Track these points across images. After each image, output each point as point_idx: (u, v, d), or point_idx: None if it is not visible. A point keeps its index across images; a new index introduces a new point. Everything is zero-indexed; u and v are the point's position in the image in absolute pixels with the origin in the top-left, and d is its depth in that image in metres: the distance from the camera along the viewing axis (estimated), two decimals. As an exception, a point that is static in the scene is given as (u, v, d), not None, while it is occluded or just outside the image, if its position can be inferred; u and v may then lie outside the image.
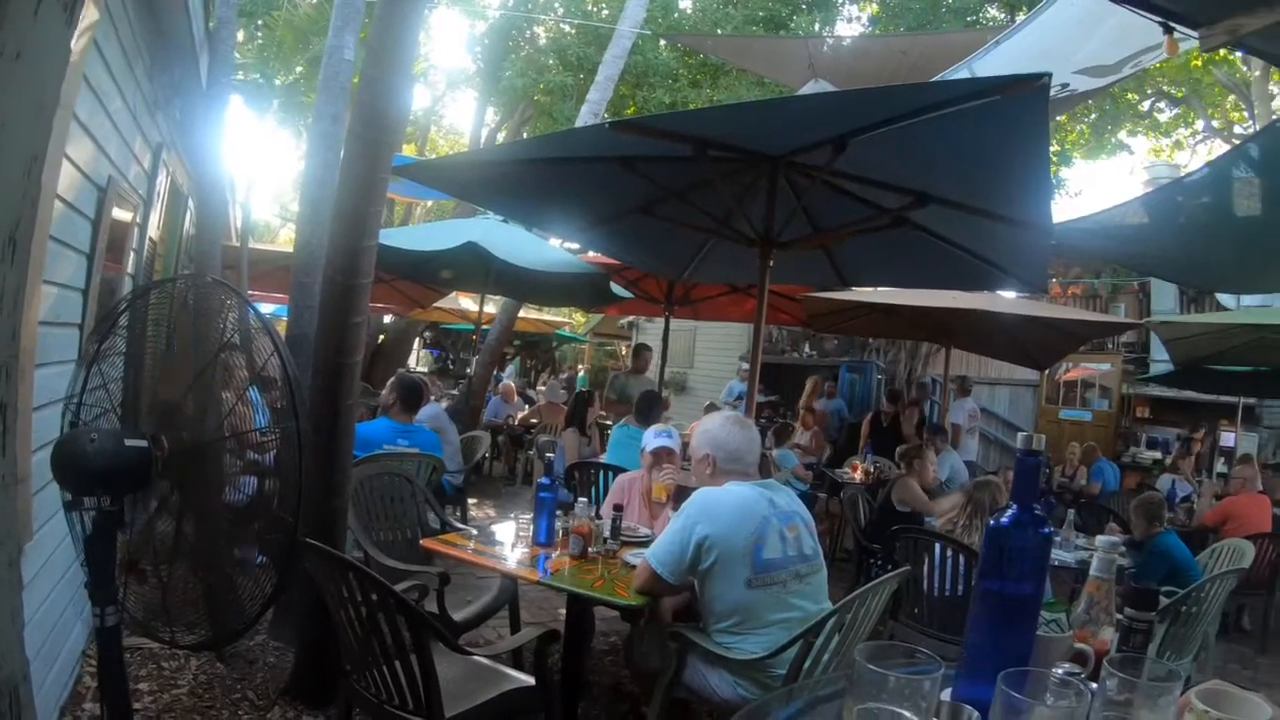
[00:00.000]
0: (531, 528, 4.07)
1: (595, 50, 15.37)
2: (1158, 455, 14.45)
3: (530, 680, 3.28)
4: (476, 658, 3.34)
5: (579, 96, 15.18)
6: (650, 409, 6.94)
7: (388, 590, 2.75)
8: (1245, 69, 15.53)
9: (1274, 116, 10.39)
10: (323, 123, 6.49)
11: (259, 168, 39.21)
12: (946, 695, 1.39)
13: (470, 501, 8.47)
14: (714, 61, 17.25)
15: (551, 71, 17.70)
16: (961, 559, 4.65)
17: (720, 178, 4.70)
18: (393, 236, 8.44)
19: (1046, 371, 15.00)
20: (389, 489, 4.79)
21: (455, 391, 12.95)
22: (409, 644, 2.76)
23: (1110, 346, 16.40)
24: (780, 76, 13.78)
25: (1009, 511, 1.38)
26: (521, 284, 10.03)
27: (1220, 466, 13.33)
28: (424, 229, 11.81)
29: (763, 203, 4.96)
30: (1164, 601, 4.53)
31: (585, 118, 11.25)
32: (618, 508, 4.20)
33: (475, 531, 4.30)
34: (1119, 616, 1.50)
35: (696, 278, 7.77)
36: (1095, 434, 14.78)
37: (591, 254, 9.29)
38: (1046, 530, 1.39)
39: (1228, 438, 13.90)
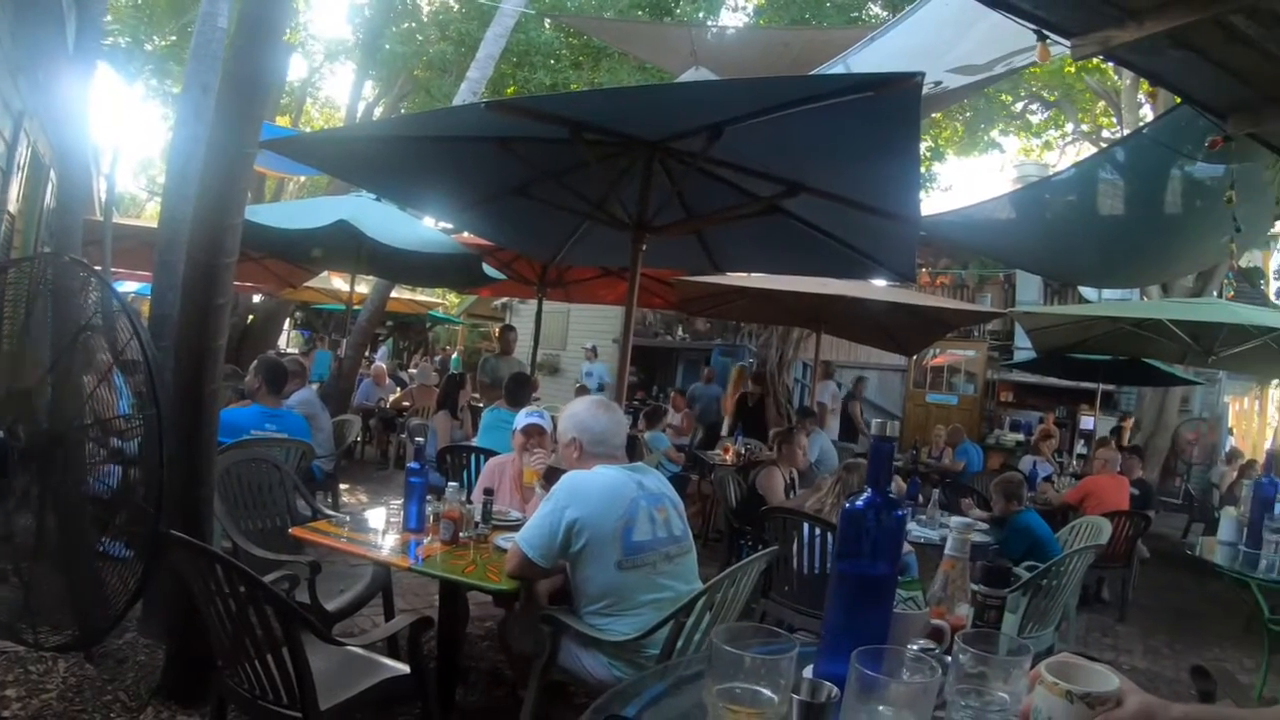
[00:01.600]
0: (402, 513, 4.01)
1: (478, 26, 15.14)
2: (1020, 437, 15.16)
3: (405, 668, 3.23)
4: (350, 648, 3.27)
5: (459, 73, 14.96)
6: (519, 390, 6.89)
7: (256, 582, 2.67)
8: (1117, 78, 16.21)
9: (1141, 124, 10.91)
10: (192, 92, 6.21)
11: (126, 138, 37.50)
12: (810, 672, 1.44)
13: (342, 487, 8.29)
14: (597, 43, 17.20)
15: (432, 42, 17.41)
16: (830, 538, 4.75)
17: (596, 161, 4.70)
18: (262, 213, 8.20)
19: (914, 357, 15.64)
20: (256, 476, 4.63)
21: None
22: (280, 636, 2.70)
23: (976, 334, 17.17)
24: (662, 62, 13.84)
25: (864, 495, 1.43)
26: (393, 264, 9.86)
27: (1080, 448, 14.06)
28: (295, 206, 11.46)
29: (637, 187, 4.97)
30: (1025, 576, 4.75)
31: (464, 95, 11.10)
32: (488, 491, 4.17)
33: (347, 518, 4.21)
34: (974, 588, 1.56)
35: (570, 260, 7.76)
36: (961, 417, 15.43)
37: (467, 235, 9.19)
38: (900, 513, 1.44)
39: (1087, 421, 14.67)
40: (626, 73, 16.77)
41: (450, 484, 4.05)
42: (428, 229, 9.89)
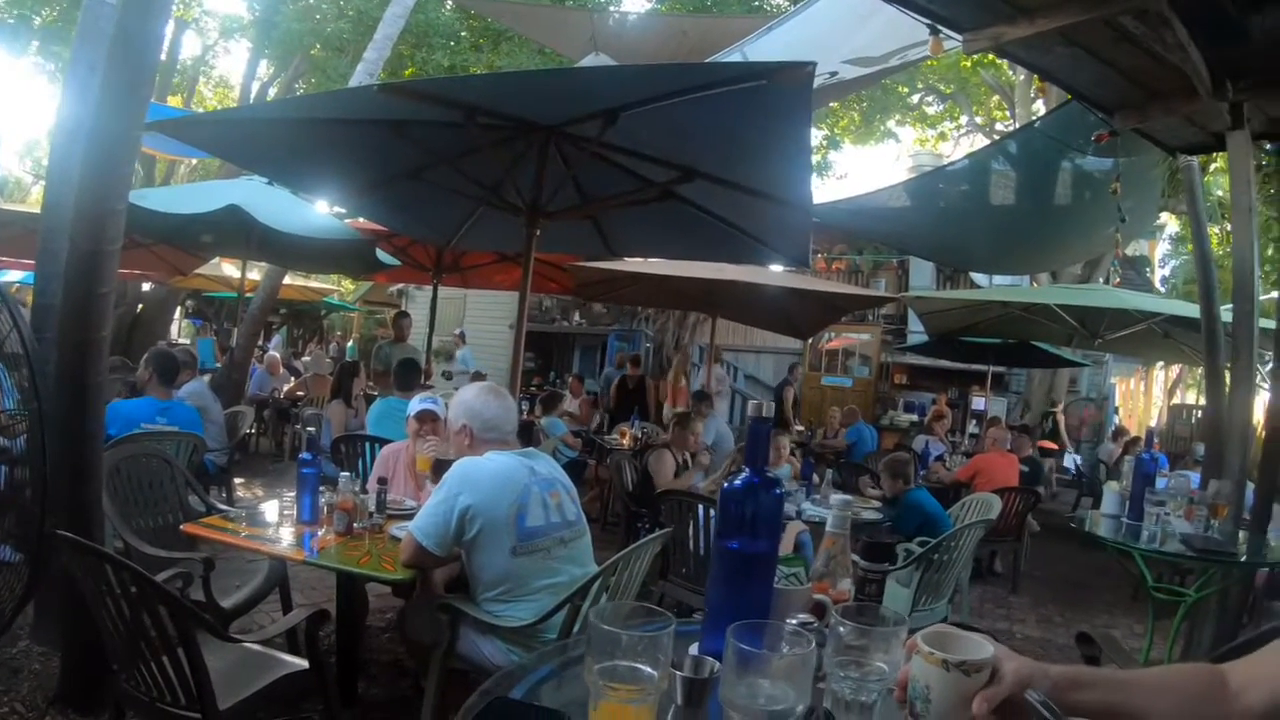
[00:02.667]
0: (295, 506, 3.94)
1: (377, 5, 14.83)
2: (914, 418, 15.58)
3: (304, 663, 3.18)
4: (247, 645, 3.20)
5: (356, 53, 14.63)
6: (408, 376, 6.83)
7: (148, 581, 2.60)
8: (1011, 73, 16.69)
9: (1033, 118, 11.27)
10: (79, 70, 5.94)
11: (10, 118, 35.86)
12: (695, 649, 1.46)
13: (237, 481, 8.10)
14: (497, 26, 17.02)
15: (329, 21, 17.03)
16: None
17: (490, 146, 4.70)
18: (151, 197, 7.95)
19: (810, 340, 15.96)
20: (146, 472, 4.48)
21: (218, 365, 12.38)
22: (175, 637, 2.63)
23: (870, 318, 17.59)
24: (561, 47, 13.78)
25: (742, 474, 1.46)
26: (286, 250, 9.60)
27: (972, 428, 14.52)
28: (184, 190, 11.13)
29: (532, 172, 4.97)
30: (917, 551, 4.89)
31: (360, 77, 10.86)
32: (382, 480, 4.12)
33: (242, 513, 4.12)
34: (855, 557, 1.60)
35: (465, 245, 7.72)
36: (856, 399, 15.76)
37: (361, 221, 9.04)
38: (778, 491, 1.47)
39: (978, 402, 15.16)
40: (526, 56, 16.63)
41: (343, 474, 3.99)
42: (321, 214, 9.69)
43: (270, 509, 4.11)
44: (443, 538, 3.10)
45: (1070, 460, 14.07)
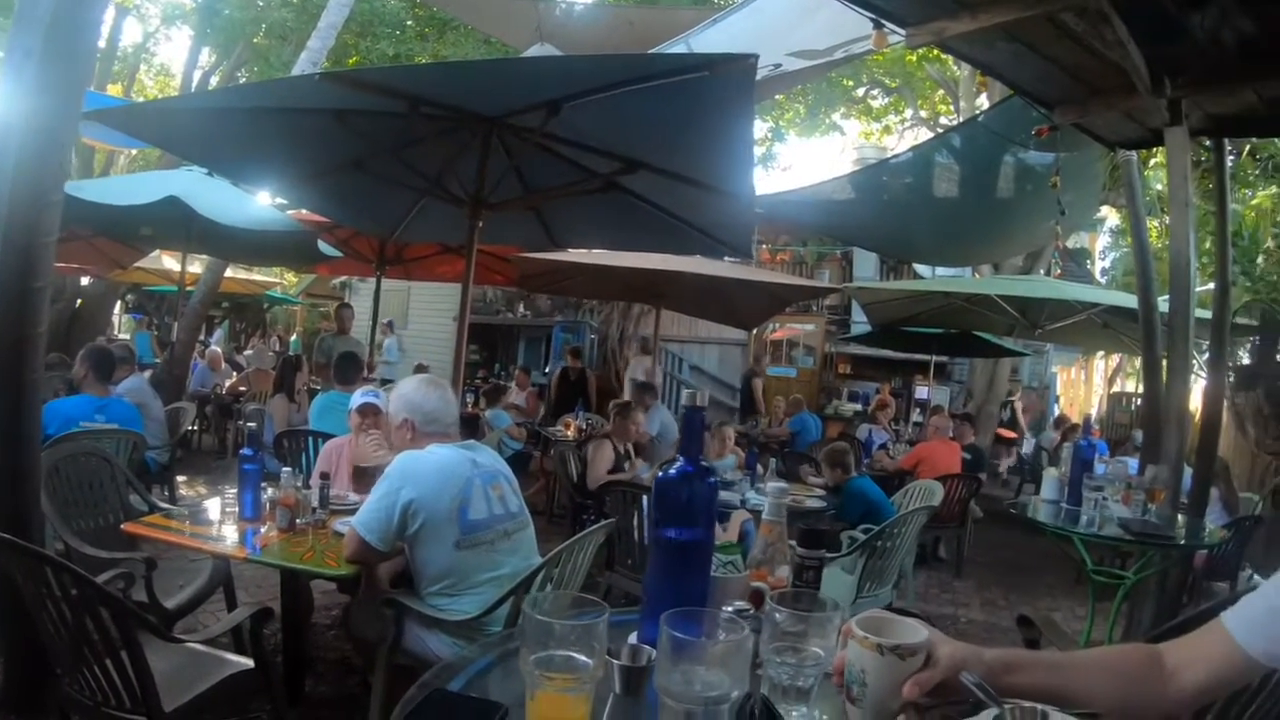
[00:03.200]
0: (238, 502, 3.88)
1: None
2: (858, 407, 15.77)
3: (249, 663, 3.14)
4: (191, 645, 3.14)
5: (299, 42, 14.40)
6: (348, 370, 6.73)
7: (88, 582, 2.55)
8: (956, 68, 16.84)
9: (977, 112, 11.44)
10: (14, 57, 5.76)
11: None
12: (634, 638, 1.47)
13: (180, 479, 7.93)
14: (442, 15, 16.87)
15: (273, 8, 16.78)
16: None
17: (433, 136, 4.68)
18: (88, 189, 7.82)
19: (754, 331, 16.16)
20: (86, 471, 4.38)
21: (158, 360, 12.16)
22: (118, 639, 2.58)
23: (815, 309, 17.83)
24: (507, 37, 13.67)
25: (677, 464, 1.47)
26: (226, 242, 9.47)
27: (916, 416, 14.73)
28: (123, 180, 10.94)
29: (475, 163, 4.95)
30: (860, 538, 4.94)
31: (304, 65, 10.71)
32: (324, 475, 4.08)
33: (184, 511, 4.05)
34: (792, 544, 1.62)
35: (408, 237, 7.67)
36: (800, 389, 15.87)
37: (304, 212, 8.93)
38: (713, 480, 1.48)
39: (922, 391, 15.38)
40: (471, 46, 16.51)
41: (285, 469, 3.94)
42: (262, 206, 9.54)
43: (213, 506, 4.04)
44: (385, 532, 3.07)
45: (1029, 447, 14.32)
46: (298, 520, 3.69)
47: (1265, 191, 9.33)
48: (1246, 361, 7.70)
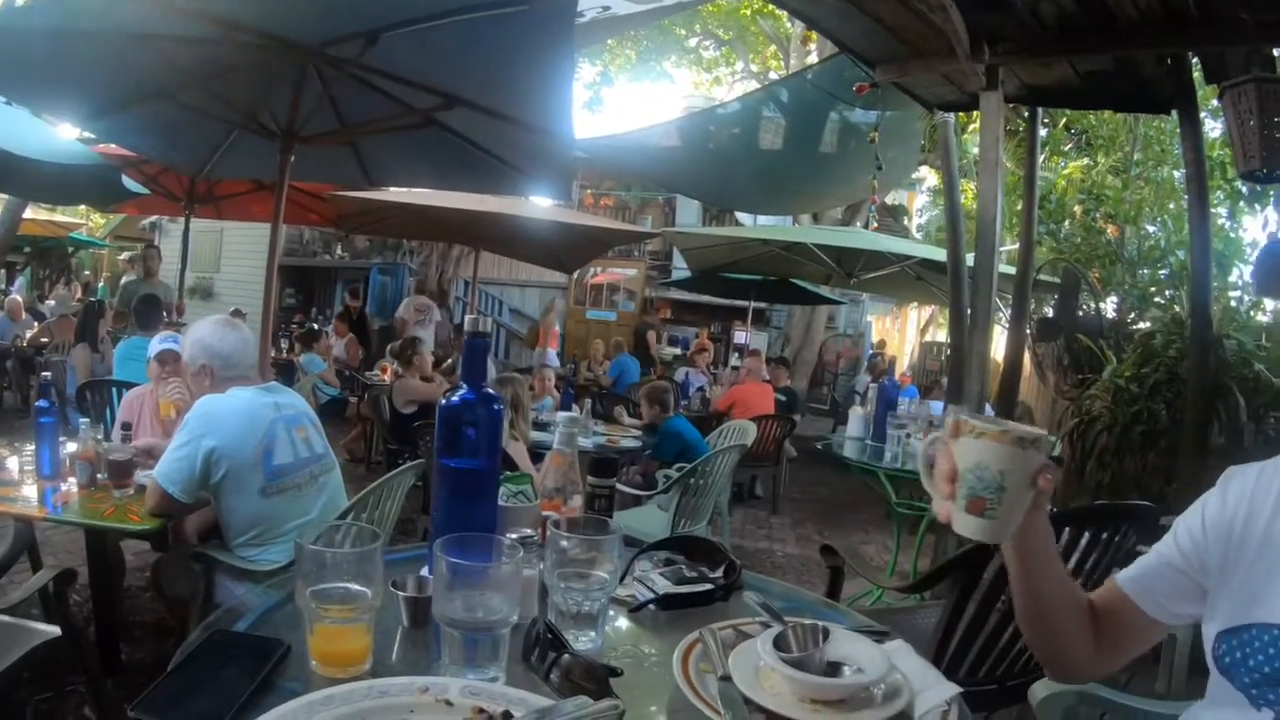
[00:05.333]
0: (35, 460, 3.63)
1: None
2: (678, 351, 16.11)
3: (56, 630, 2.94)
4: (-7, 618, 2.93)
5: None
6: (149, 315, 6.40)
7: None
8: (789, 25, 17.10)
9: (805, 67, 11.68)
10: None
11: None
12: (426, 571, 1.46)
13: (-20, 439, 7.39)
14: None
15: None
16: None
17: (246, 65, 4.49)
18: None
19: (575, 275, 16.28)
20: None
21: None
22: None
23: (636, 254, 18.08)
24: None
25: (460, 391, 1.44)
26: (21, 178, 8.68)
27: (735, 360, 15.17)
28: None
29: (288, 94, 4.76)
30: (675, 475, 5.04)
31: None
32: (126, 426, 3.86)
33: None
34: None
35: (219, 173, 7.28)
36: (620, 333, 16.06)
37: (114, 148, 8.36)
38: (497, 407, 1.47)
39: (740, 336, 15.85)
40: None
41: (83, 421, 3.70)
42: (64, 139, 8.85)
43: (12, 465, 3.76)
44: (188, 483, 2.92)
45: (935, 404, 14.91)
46: (99, 475, 3.48)
47: (1076, 162, 9.92)
48: (1049, 314, 8.17)
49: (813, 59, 15.20)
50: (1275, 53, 4.40)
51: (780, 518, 7.99)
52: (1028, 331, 7.36)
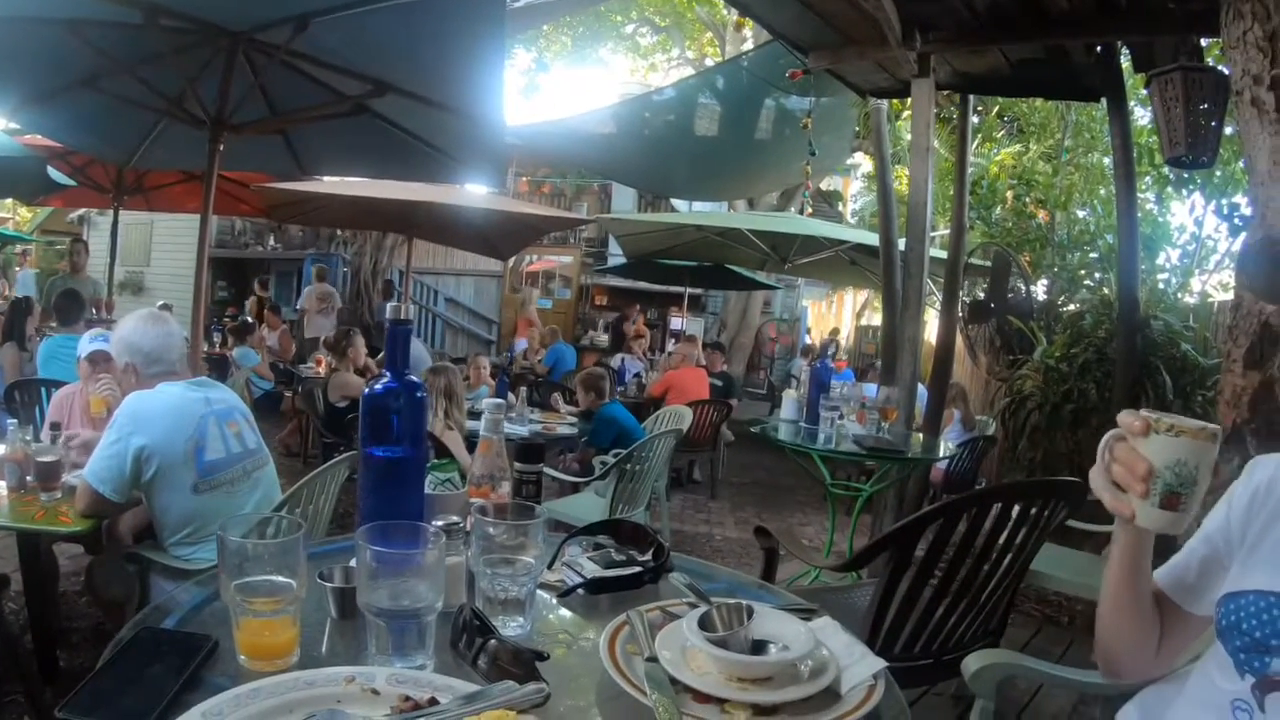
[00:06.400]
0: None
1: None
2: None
3: (-12, 639, 2.88)
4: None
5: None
6: (68, 310, 6.28)
7: None
8: (726, 13, 17.12)
9: (741, 54, 11.73)
10: None
11: None
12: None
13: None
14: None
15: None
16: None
17: (174, 52, 4.39)
18: None
19: (511, 262, 16.34)
20: None
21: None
22: None
23: (572, 241, 18.14)
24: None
25: (383, 379, 1.45)
26: (-58, 171, 8.49)
27: (671, 346, 15.24)
28: None
29: (217, 81, 4.67)
30: (611, 461, 5.05)
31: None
32: (55, 426, 3.77)
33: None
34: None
35: (148, 163, 7.15)
36: (556, 320, 16.08)
37: (40, 138, 8.14)
38: (420, 395, 1.47)
39: (676, 322, 15.93)
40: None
41: (10, 422, 3.60)
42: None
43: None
44: (119, 482, 2.86)
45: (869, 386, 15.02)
46: (28, 477, 3.39)
47: (1009, 149, 10.11)
48: (981, 297, 8.31)
49: (748, 46, 15.26)
50: (1203, 43, 4.53)
51: (719, 502, 8.05)
52: (960, 314, 7.50)
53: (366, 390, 1.45)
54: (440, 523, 1.40)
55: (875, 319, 22.64)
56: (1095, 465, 1.25)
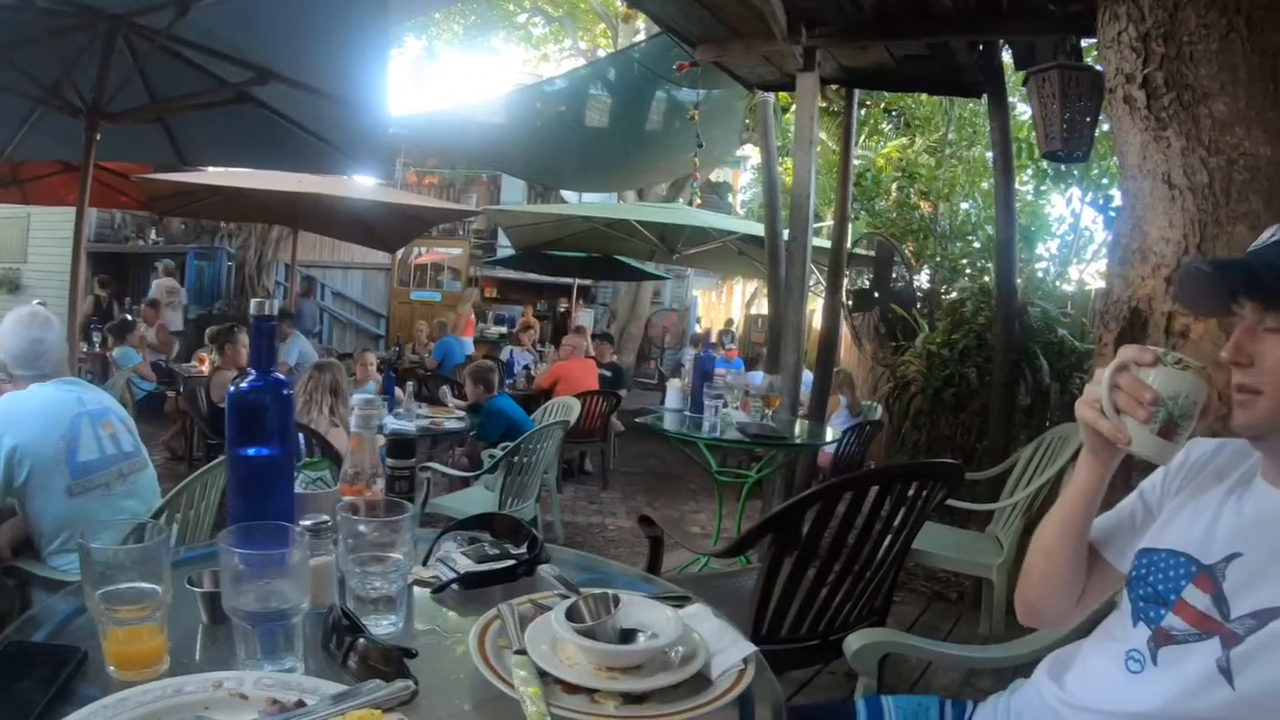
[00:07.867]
0: None
1: None
2: (504, 330, 16.07)
3: None
4: None
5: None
6: None
7: None
8: (618, 4, 17.10)
9: (632, 46, 11.75)
10: None
11: None
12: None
13: None
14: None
15: None
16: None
17: (49, 36, 4.21)
18: None
19: (398, 255, 16.18)
20: None
21: None
22: None
23: (461, 233, 17.91)
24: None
25: (249, 377, 1.43)
26: None
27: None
28: None
29: (95, 67, 4.50)
30: (499, 454, 5.03)
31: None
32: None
33: None
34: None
35: (22, 154, 6.81)
36: (445, 313, 15.92)
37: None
38: (287, 393, 1.47)
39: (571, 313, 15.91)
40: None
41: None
42: None
43: None
44: None
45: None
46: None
47: (894, 142, 10.35)
48: (866, 286, 8.50)
49: (640, 37, 15.31)
50: (1084, 43, 4.72)
51: (611, 492, 8.08)
52: (845, 302, 7.67)
53: (231, 389, 1.43)
54: (308, 522, 1.39)
55: (764, 308, 23.02)
56: (1081, 399, 1.34)
